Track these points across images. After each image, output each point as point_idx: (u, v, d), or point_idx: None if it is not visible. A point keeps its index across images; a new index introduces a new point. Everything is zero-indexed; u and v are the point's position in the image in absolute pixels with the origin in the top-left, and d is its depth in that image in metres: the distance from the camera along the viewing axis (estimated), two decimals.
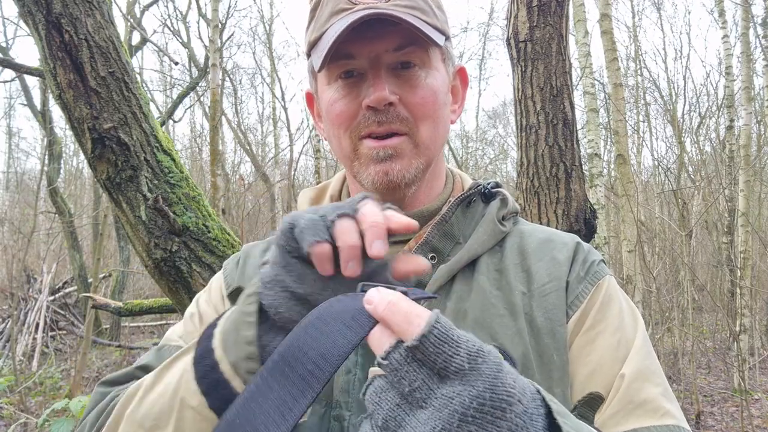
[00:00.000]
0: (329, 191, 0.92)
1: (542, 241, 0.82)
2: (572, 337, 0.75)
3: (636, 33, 14.34)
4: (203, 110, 14.88)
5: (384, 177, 0.77)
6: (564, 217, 2.77)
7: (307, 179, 19.24)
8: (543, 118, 2.81)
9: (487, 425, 0.42)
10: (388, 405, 0.45)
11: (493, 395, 0.42)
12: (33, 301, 9.04)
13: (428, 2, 0.78)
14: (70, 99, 2.28)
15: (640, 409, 0.69)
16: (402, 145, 0.77)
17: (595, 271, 0.79)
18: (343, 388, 0.72)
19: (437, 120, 0.79)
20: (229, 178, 13.98)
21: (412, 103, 0.77)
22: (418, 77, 0.77)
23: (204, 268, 2.45)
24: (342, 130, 0.79)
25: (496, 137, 23.57)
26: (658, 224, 10.85)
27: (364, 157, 0.78)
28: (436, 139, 0.80)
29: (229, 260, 0.94)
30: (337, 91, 0.78)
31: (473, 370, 0.43)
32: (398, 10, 0.74)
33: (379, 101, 0.74)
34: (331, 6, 0.77)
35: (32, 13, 2.20)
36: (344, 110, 0.77)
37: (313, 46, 0.80)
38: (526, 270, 0.78)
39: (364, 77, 0.77)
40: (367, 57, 0.75)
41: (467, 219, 0.83)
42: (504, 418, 0.42)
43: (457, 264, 0.77)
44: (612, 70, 6.69)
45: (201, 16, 11.61)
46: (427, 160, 0.80)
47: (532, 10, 2.83)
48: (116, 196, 2.40)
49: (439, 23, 0.79)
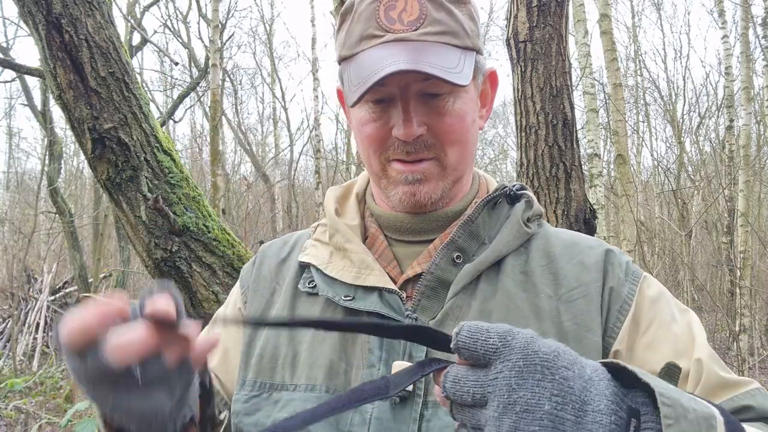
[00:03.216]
0: (355, 190, 0.93)
1: (568, 244, 0.83)
2: (632, 338, 0.75)
3: (636, 33, 14.35)
4: (203, 110, 14.89)
5: (411, 198, 0.79)
6: (564, 217, 2.78)
7: (307, 179, 19.24)
8: (543, 118, 2.81)
9: (534, 389, 0.46)
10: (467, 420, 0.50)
11: (527, 362, 0.46)
12: (33, 301, 9.04)
13: (459, 20, 0.78)
14: (71, 99, 2.28)
15: (724, 388, 0.71)
16: (430, 168, 0.79)
17: (633, 270, 0.80)
18: (365, 381, 0.73)
19: (465, 143, 0.81)
20: (229, 178, 13.99)
21: (441, 131, 0.78)
22: (446, 105, 0.78)
23: (204, 268, 2.46)
24: (371, 151, 0.81)
25: (496, 137, 23.60)
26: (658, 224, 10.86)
27: (392, 179, 0.81)
28: (463, 159, 0.82)
29: (246, 266, 0.95)
30: (368, 114, 0.80)
31: (506, 347, 0.48)
32: (428, 39, 0.75)
33: (408, 137, 0.76)
34: (362, 26, 0.78)
35: (32, 13, 2.21)
36: (374, 134, 0.79)
37: (343, 59, 0.81)
38: (554, 273, 0.79)
39: (393, 103, 0.78)
40: (396, 85, 0.76)
41: (492, 220, 0.84)
42: (546, 379, 0.46)
43: (482, 264, 0.79)
44: (612, 70, 6.70)
45: (201, 17, 11.62)
46: (455, 179, 0.83)
47: (531, 11, 2.83)
48: (116, 197, 2.40)
49: (471, 41, 0.79)
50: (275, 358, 0.80)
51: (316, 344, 0.78)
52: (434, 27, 0.76)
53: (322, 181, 11.37)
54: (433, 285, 0.78)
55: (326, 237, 0.87)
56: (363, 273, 0.80)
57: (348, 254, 0.82)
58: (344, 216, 0.89)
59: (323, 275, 0.82)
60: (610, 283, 0.77)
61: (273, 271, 0.90)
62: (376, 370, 0.74)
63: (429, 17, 0.76)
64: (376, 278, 0.79)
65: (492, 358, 0.48)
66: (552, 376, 0.46)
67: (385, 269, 0.81)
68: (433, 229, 0.84)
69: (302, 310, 0.83)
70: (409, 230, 0.84)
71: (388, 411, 0.72)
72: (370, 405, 0.72)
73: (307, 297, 0.83)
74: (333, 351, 0.77)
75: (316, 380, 0.76)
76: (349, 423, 0.72)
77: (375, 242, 0.85)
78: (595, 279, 0.78)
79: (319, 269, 0.83)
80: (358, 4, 0.79)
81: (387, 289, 0.78)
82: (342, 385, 0.75)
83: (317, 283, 0.82)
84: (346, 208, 0.91)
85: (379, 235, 0.86)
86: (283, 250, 0.92)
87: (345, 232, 0.84)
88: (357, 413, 0.72)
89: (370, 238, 0.86)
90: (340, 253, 0.83)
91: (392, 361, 0.73)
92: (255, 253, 0.99)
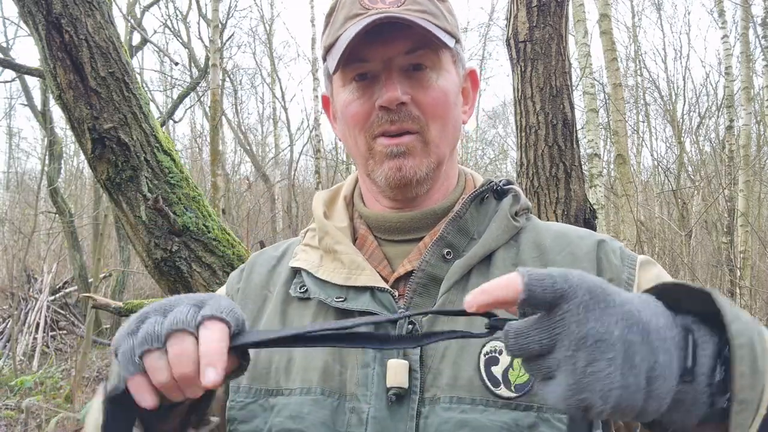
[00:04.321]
0: (342, 192, 0.93)
1: (558, 235, 0.83)
2: None
3: (636, 33, 14.35)
4: (203, 110, 14.89)
5: (397, 173, 0.79)
6: (564, 217, 2.78)
7: (307, 179, 19.24)
8: (543, 118, 2.81)
9: (601, 318, 0.47)
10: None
11: (591, 295, 0.47)
12: (33, 301, 9.04)
13: (439, 7, 0.81)
14: (71, 99, 2.28)
15: None
16: (413, 142, 0.79)
17: (628, 255, 0.81)
18: (360, 381, 0.74)
19: (447, 120, 0.82)
20: (229, 178, 13.99)
21: (424, 103, 0.79)
22: (429, 78, 0.79)
23: (204, 268, 2.46)
24: (357, 130, 0.81)
25: (496, 137, 23.59)
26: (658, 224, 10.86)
27: (378, 155, 0.80)
28: (446, 139, 0.82)
29: (233, 273, 0.95)
30: (352, 93, 0.81)
31: (571, 287, 0.48)
32: (410, 14, 0.76)
33: (391, 101, 0.77)
34: (346, 11, 0.80)
35: (32, 13, 2.21)
36: (359, 111, 0.80)
37: (328, 50, 0.82)
38: (544, 265, 0.79)
39: (377, 79, 0.79)
40: (380, 60, 0.78)
41: (481, 215, 0.84)
42: (610, 306, 0.47)
43: (472, 259, 0.79)
44: (611, 70, 6.70)
45: (201, 17, 11.63)
46: (438, 158, 0.82)
47: (531, 11, 2.83)
48: (116, 197, 2.40)
49: (450, 27, 0.81)
50: (269, 363, 0.80)
51: (310, 348, 0.78)
52: (416, 6, 0.78)
53: (322, 181, 11.37)
54: (424, 282, 0.78)
55: (315, 241, 0.87)
56: (354, 273, 0.80)
57: (338, 256, 0.82)
58: (333, 219, 0.89)
59: (314, 278, 0.82)
60: (608, 275, 0.78)
61: (263, 279, 0.89)
62: (371, 369, 0.74)
63: None
64: (368, 278, 0.79)
65: (558, 302, 0.48)
66: (613, 302, 0.48)
67: (376, 269, 0.81)
68: (422, 227, 0.84)
69: (294, 316, 0.82)
70: (398, 229, 0.85)
71: (384, 409, 0.72)
72: (366, 405, 0.72)
73: (298, 302, 0.83)
74: (327, 353, 0.77)
75: (311, 383, 0.76)
76: (347, 424, 0.72)
77: (365, 243, 0.85)
78: (587, 269, 0.78)
79: (310, 273, 0.83)
80: None
81: (379, 288, 0.78)
82: (338, 387, 0.75)
83: (309, 287, 0.82)
84: (335, 210, 0.91)
85: (369, 235, 0.86)
86: (273, 258, 0.92)
87: (334, 234, 0.84)
88: (354, 414, 0.72)
89: (359, 239, 0.86)
90: (330, 255, 0.83)
91: (387, 359, 0.73)
92: (255, 253, 0.99)
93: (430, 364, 0.73)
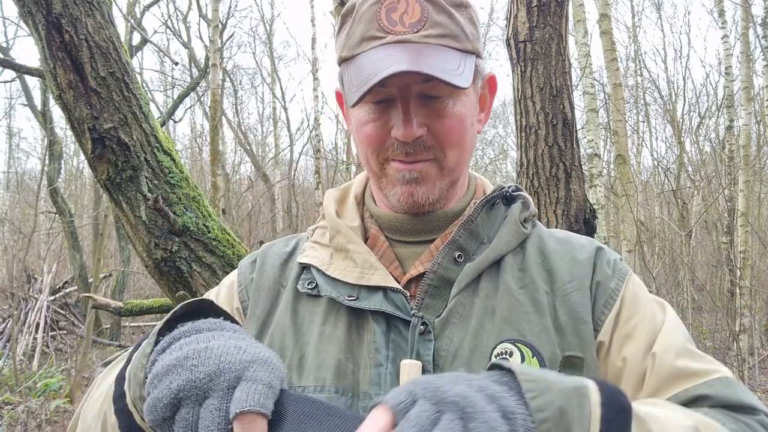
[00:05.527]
0: (353, 192, 0.94)
1: (560, 242, 0.86)
2: (613, 330, 0.78)
3: (636, 33, 14.35)
4: (203, 110, 14.90)
5: (409, 198, 0.81)
6: (564, 217, 2.78)
7: (307, 179, 19.24)
8: (543, 118, 2.81)
9: None
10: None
11: None
12: (33, 301, 9.04)
13: (459, 23, 0.79)
14: (71, 99, 2.28)
15: (678, 378, 0.72)
16: (428, 168, 0.80)
17: (621, 268, 0.83)
18: (373, 380, 0.75)
19: (464, 145, 0.82)
20: (229, 178, 13.99)
21: (440, 133, 0.79)
22: (446, 107, 0.79)
23: (204, 268, 2.46)
24: (370, 152, 0.82)
25: (496, 137, 23.60)
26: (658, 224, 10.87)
27: (391, 177, 0.82)
28: (461, 162, 0.84)
29: (245, 259, 0.95)
30: (368, 114, 0.80)
31: None
32: (430, 41, 0.76)
33: (407, 138, 0.77)
34: (363, 29, 0.78)
35: (32, 13, 2.21)
36: (373, 134, 0.80)
37: (343, 60, 0.82)
38: (548, 270, 0.82)
39: (393, 104, 0.79)
40: (397, 86, 0.77)
41: (491, 220, 0.85)
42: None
43: (483, 263, 0.80)
44: (611, 70, 6.70)
45: (201, 17, 11.62)
46: (452, 179, 0.84)
47: (531, 11, 2.83)
48: (116, 196, 2.40)
49: (471, 45, 0.80)
50: (282, 360, 0.80)
51: (322, 345, 0.78)
52: (435, 29, 0.77)
53: (322, 181, 11.37)
54: (436, 284, 0.79)
55: (325, 239, 0.87)
56: (367, 273, 0.80)
57: (350, 255, 0.83)
58: (344, 217, 0.89)
59: (325, 276, 0.83)
60: (598, 278, 0.81)
61: (277, 271, 0.89)
62: (384, 369, 0.75)
63: (430, 20, 0.77)
64: (380, 278, 0.79)
65: None
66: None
67: (388, 269, 0.82)
68: (434, 230, 0.85)
69: (304, 312, 0.83)
70: (409, 231, 0.85)
71: None
72: None
73: (308, 299, 0.84)
74: (340, 351, 0.77)
75: (324, 381, 0.76)
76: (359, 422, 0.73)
77: (376, 243, 0.86)
78: (588, 273, 0.81)
79: (321, 270, 0.84)
80: (360, 6, 0.79)
81: (392, 288, 0.78)
82: (351, 386, 0.75)
83: (319, 284, 0.83)
84: (346, 209, 0.91)
85: (380, 236, 0.86)
86: (285, 253, 0.92)
87: (347, 233, 0.85)
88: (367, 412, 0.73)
89: (371, 239, 0.87)
90: (341, 254, 0.84)
91: (399, 359, 0.74)
92: None
93: (442, 365, 0.74)
